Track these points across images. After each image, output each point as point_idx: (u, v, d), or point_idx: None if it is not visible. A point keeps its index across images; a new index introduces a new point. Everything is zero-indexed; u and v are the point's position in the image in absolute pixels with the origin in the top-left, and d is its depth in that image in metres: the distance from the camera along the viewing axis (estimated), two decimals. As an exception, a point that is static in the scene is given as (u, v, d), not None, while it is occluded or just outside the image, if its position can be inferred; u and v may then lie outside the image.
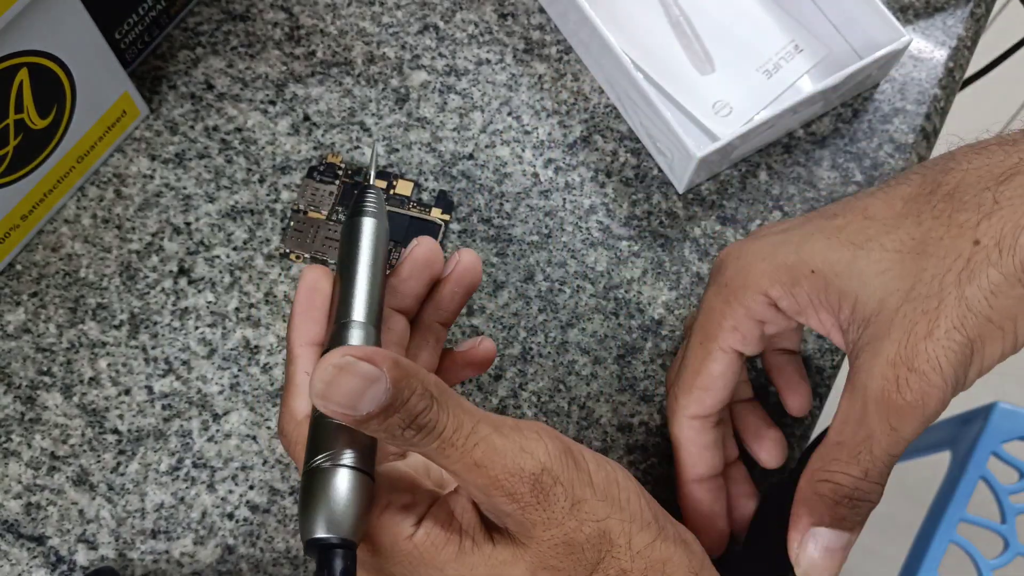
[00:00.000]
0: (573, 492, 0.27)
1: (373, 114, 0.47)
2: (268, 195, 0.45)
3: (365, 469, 0.27)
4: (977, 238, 0.27)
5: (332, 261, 0.44)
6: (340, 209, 0.44)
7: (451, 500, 0.29)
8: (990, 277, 0.27)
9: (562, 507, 0.27)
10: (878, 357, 0.28)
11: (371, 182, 0.33)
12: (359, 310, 0.29)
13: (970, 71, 0.57)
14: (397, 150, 0.47)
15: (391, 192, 0.45)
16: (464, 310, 0.44)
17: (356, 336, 0.29)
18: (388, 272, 0.31)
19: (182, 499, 0.40)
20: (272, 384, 0.42)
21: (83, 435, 0.41)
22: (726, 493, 0.38)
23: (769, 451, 0.39)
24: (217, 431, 0.41)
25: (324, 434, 0.27)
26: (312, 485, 0.26)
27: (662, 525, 0.29)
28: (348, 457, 0.26)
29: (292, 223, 0.44)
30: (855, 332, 0.30)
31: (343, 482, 0.26)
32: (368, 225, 0.31)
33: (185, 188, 0.45)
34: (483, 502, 0.28)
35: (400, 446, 0.27)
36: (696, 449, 0.36)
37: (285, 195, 0.45)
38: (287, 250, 0.44)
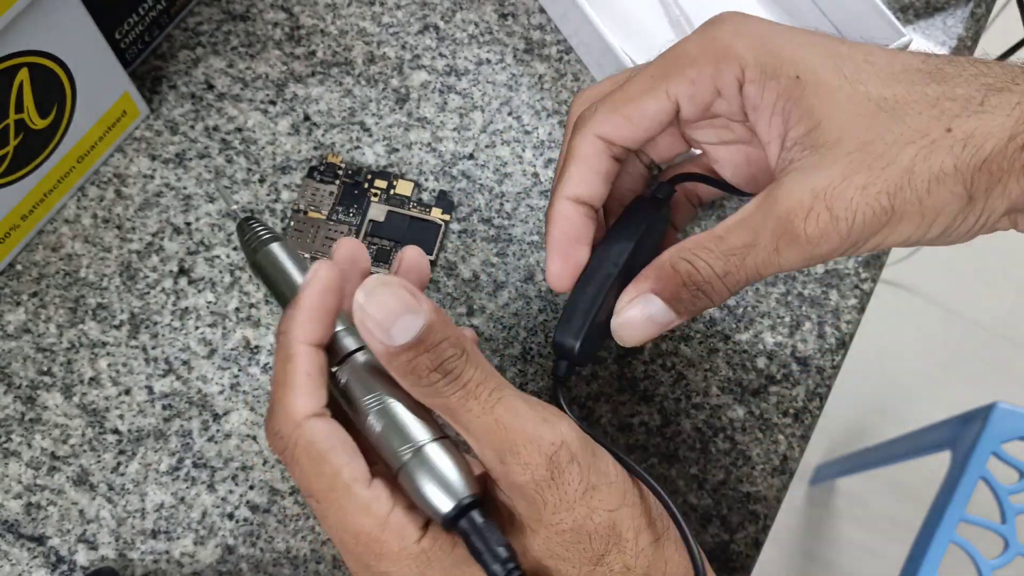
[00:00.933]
0: (588, 476, 0.27)
1: (373, 114, 0.47)
2: (268, 195, 0.45)
3: (441, 436, 0.28)
4: (951, 127, 0.27)
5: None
6: (340, 209, 0.44)
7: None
8: (943, 165, 0.27)
9: (575, 490, 0.27)
10: (805, 182, 0.28)
11: (237, 213, 0.33)
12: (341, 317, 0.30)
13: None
14: (397, 150, 0.47)
15: (391, 192, 0.45)
16: (464, 310, 0.44)
17: (352, 338, 0.30)
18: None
19: (182, 499, 0.40)
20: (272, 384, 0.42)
21: (83, 435, 0.41)
22: (597, 227, 0.35)
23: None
24: (217, 431, 0.41)
25: (396, 429, 0.28)
26: (417, 474, 0.27)
27: (666, 526, 0.29)
28: (424, 435, 0.28)
29: (292, 223, 0.44)
30: (797, 152, 0.29)
31: (439, 456, 0.27)
32: (279, 249, 0.31)
33: (185, 188, 0.45)
34: (496, 470, 0.27)
35: (425, 395, 0.27)
36: (586, 168, 0.33)
37: (285, 195, 0.45)
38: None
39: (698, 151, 0.36)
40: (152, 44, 0.47)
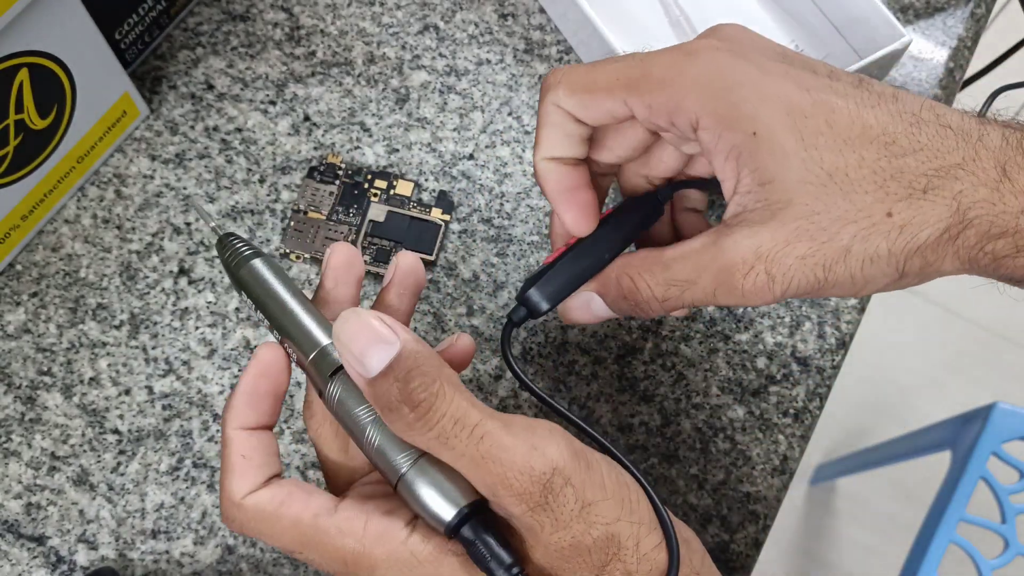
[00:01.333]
0: (584, 494, 0.27)
1: (373, 114, 0.47)
2: (268, 195, 0.45)
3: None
4: (891, 212, 0.29)
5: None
6: (340, 209, 0.44)
7: None
8: (878, 248, 0.29)
9: (571, 510, 0.27)
10: (752, 239, 0.30)
11: (216, 230, 0.33)
12: (322, 334, 0.29)
13: (970, 71, 0.57)
14: (397, 150, 0.47)
15: (391, 192, 0.45)
16: (464, 311, 0.44)
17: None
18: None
19: (182, 499, 0.40)
20: (272, 384, 0.42)
21: (83, 435, 0.41)
22: (588, 179, 0.36)
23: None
24: (217, 431, 0.41)
25: (392, 440, 0.28)
26: (416, 484, 0.27)
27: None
28: (411, 453, 0.28)
29: (292, 223, 0.44)
30: (750, 201, 0.31)
31: (437, 464, 0.27)
32: (262, 265, 0.31)
33: (185, 188, 0.45)
34: (491, 501, 0.27)
35: (402, 432, 0.26)
36: (554, 131, 0.34)
37: (285, 195, 0.45)
38: (287, 250, 0.44)
39: None
40: (152, 44, 0.47)
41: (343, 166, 0.45)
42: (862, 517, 1.32)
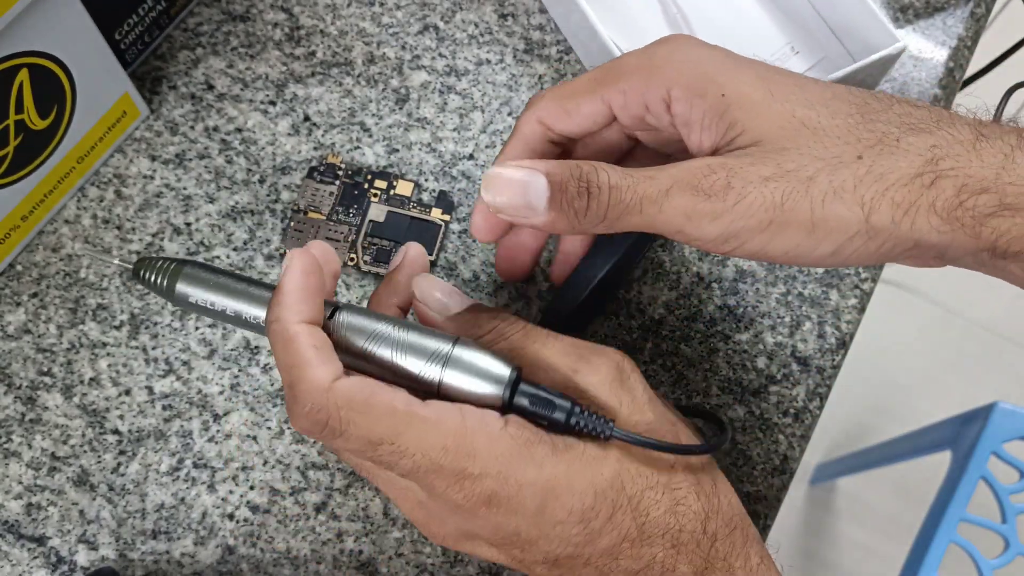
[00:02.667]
0: (648, 390, 0.31)
1: (373, 114, 0.47)
2: (268, 195, 0.45)
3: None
4: (862, 155, 0.28)
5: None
6: (340, 209, 0.44)
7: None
8: (843, 182, 0.28)
9: (642, 395, 0.30)
10: (717, 158, 0.30)
11: (125, 265, 0.33)
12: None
13: (970, 71, 0.57)
14: (397, 150, 0.47)
15: (391, 192, 0.45)
16: (464, 310, 0.44)
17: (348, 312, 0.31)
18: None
19: (182, 499, 0.40)
20: (272, 384, 0.42)
21: (83, 435, 0.41)
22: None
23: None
24: (217, 431, 0.41)
25: (421, 339, 0.30)
26: (464, 360, 0.29)
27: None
28: (447, 338, 0.30)
29: (292, 223, 0.44)
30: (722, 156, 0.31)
31: (472, 344, 0.30)
32: (198, 270, 0.31)
33: (185, 188, 0.45)
34: (570, 382, 0.30)
35: (487, 339, 0.30)
36: (523, 145, 0.35)
37: (285, 195, 0.45)
38: (287, 250, 0.44)
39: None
40: (152, 45, 0.47)
41: (343, 166, 0.45)
42: (862, 517, 1.32)
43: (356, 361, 0.30)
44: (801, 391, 0.44)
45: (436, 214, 0.45)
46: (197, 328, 0.42)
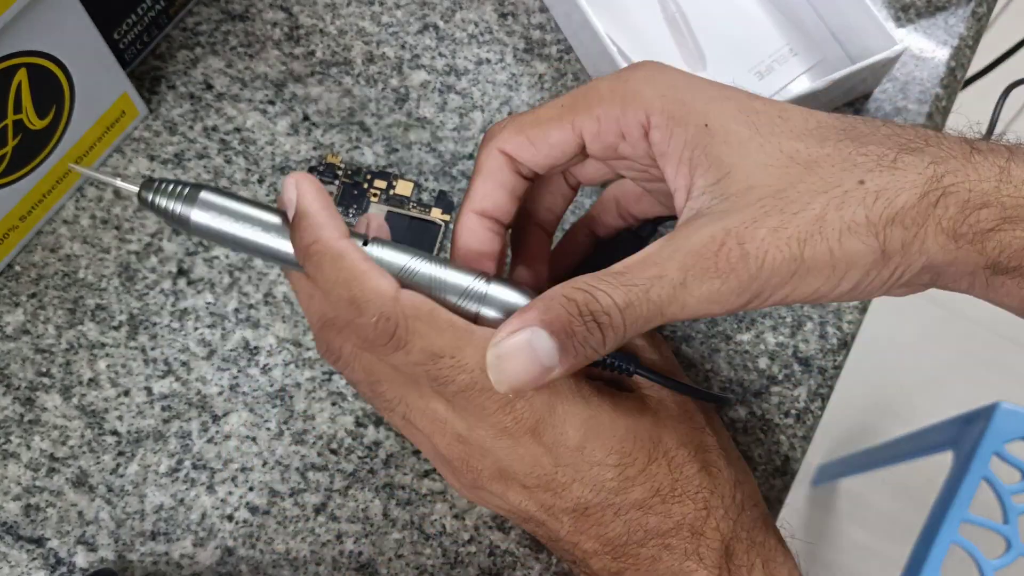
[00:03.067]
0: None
1: (373, 114, 0.47)
2: (267, 195, 0.45)
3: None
4: (863, 180, 0.27)
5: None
6: (340, 209, 0.44)
7: None
8: (855, 215, 0.26)
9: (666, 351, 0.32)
10: (717, 223, 0.27)
11: (131, 186, 0.31)
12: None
13: (972, 70, 0.57)
14: (397, 150, 0.46)
15: (391, 192, 0.45)
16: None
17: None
18: None
19: (181, 500, 0.40)
20: (271, 385, 0.42)
21: (82, 436, 0.40)
22: (502, 244, 0.34)
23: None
24: (216, 432, 0.41)
25: (459, 276, 0.30)
26: (498, 304, 0.30)
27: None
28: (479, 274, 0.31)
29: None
30: (706, 201, 0.28)
31: (502, 283, 0.31)
32: (212, 196, 0.30)
33: (184, 188, 0.45)
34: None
35: (606, 349, 0.28)
36: (491, 182, 0.33)
37: (285, 195, 0.45)
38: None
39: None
40: (151, 44, 0.47)
41: (342, 166, 0.45)
42: (864, 517, 1.32)
43: None
44: (803, 392, 0.44)
45: (436, 214, 0.45)
46: (196, 328, 0.42)
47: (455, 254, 0.33)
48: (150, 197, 0.30)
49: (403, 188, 0.45)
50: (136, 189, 0.30)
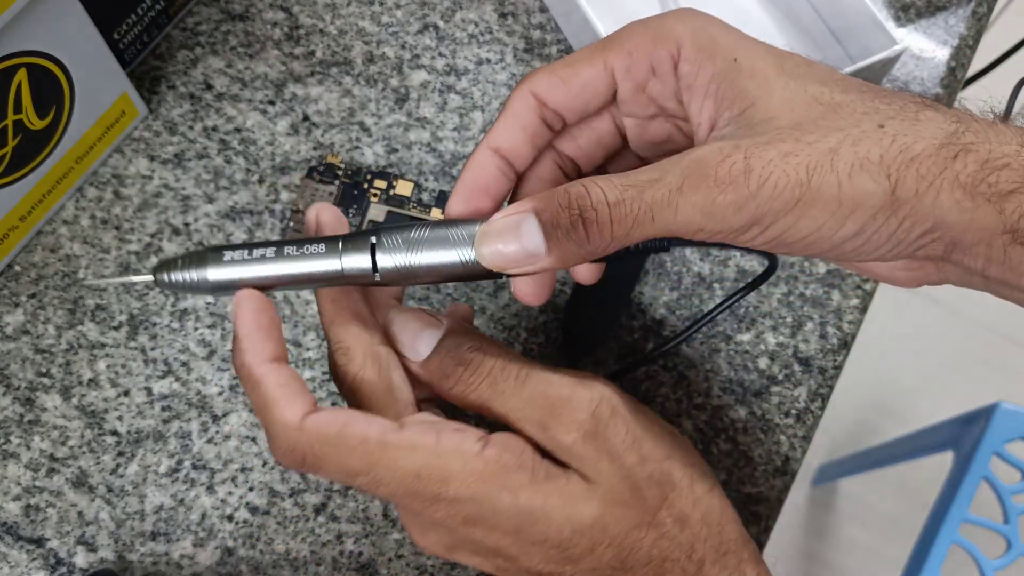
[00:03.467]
0: (633, 428, 0.29)
1: (373, 114, 0.47)
2: (267, 195, 0.45)
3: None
4: (883, 124, 0.27)
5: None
6: (339, 210, 0.44)
7: (515, 437, 0.29)
8: (869, 152, 0.26)
9: (622, 441, 0.28)
10: (728, 141, 0.27)
11: (141, 275, 0.31)
12: (324, 241, 0.30)
13: (972, 70, 0.57)
14: (397, 150, 0.46)
15: (391, 192, 0.45)
16: (464, 311, 0.44)
17: (348, 240, 0.30)
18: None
19: (181, 501, 0.40)
20: (272, 385, 0.42)
21: (82, 437, 0.40)
22: (511, 187, 0.34)
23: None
24: (216, 432, 0.41)
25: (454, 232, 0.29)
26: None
27: (715, 479, 0.30)
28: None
29: (291, 223, 0.44)
30: (728, 130, 0.28)
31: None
32: (215, 251, 0.30)
33: (184, 189, 0.45)
34: (543, 440, 0.28)
35: (458, 394, 0.29)
36: (514, 121, 0.32)
37: (284, 195, 0.45)
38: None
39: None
40: (151, 44, 0.47)
41: (342, 166, 0.45)
42: (864, 518, 1.32)
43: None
44: (803, 392, 0.44)
45: (436, 214, 0.45)
46: (196, 329, 0.42)
47: (459, 184, 0.33)
48: (165, 277, 0.30)
49: (403, 188, 0.45)
50: (150, 278, 0.30)
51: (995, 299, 0.31)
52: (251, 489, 0.40)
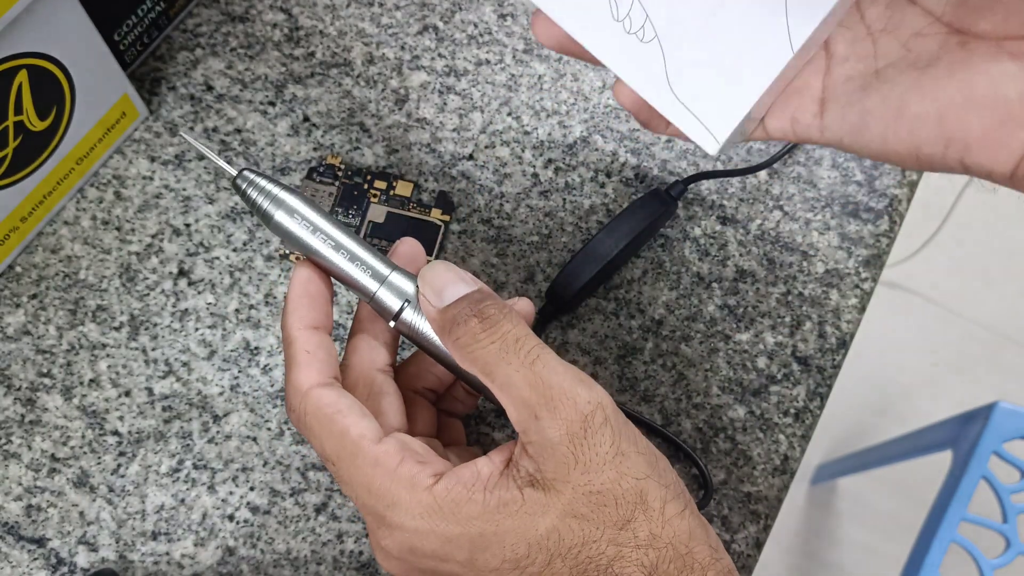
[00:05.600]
0: (619, 442, 0.28)
1: (372, 115, 0.47)
2: (268, 196, 0.45)
3: None
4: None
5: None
6: (340, 210, 0.44)
7: (477, 463, 0.29)
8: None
9: (605, 452, 0.28)
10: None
11: (231, 171, 0.33)
12: (382, 264, 0.32)
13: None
14: (396, 151, 0.47)
15: (391, 193, 0.45)
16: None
17: (400, 277, 0.32)
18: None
19: (182, 500, 0.40)
20: (272, 385, 0.42)
21: (83, 437, 0.40)
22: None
23: None
24: (217, 432, 0.41)
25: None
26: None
27: (689, 499, 0.30)
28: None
29: (292, 224, 0.44)
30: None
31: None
32: (299, 203, 0.32)
33: (185, 189, 0.45)
34: (528, 426, 0.28)
35: (465, 347, 0.29)
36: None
37: (285, 196, 0.45)
38: (287, 251, 0.44)
39: None
40: (151, 46, 0.47)
41: (342, 167, 0.45)
42: (863, 517, 1.32)
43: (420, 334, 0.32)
44: (802, 391, 0.44)
45: (436, 215, 0.45)
46: (197, 329, 0.42)
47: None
48: (243, 186, 0.32)
49: (403, 189, 0.45)
50: (234, 173, 0.32)
51: (994, 298, 0.31)
52: (252, 489, 0.40)
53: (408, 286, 0.32)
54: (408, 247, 0.34)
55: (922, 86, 0.28)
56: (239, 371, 0.42)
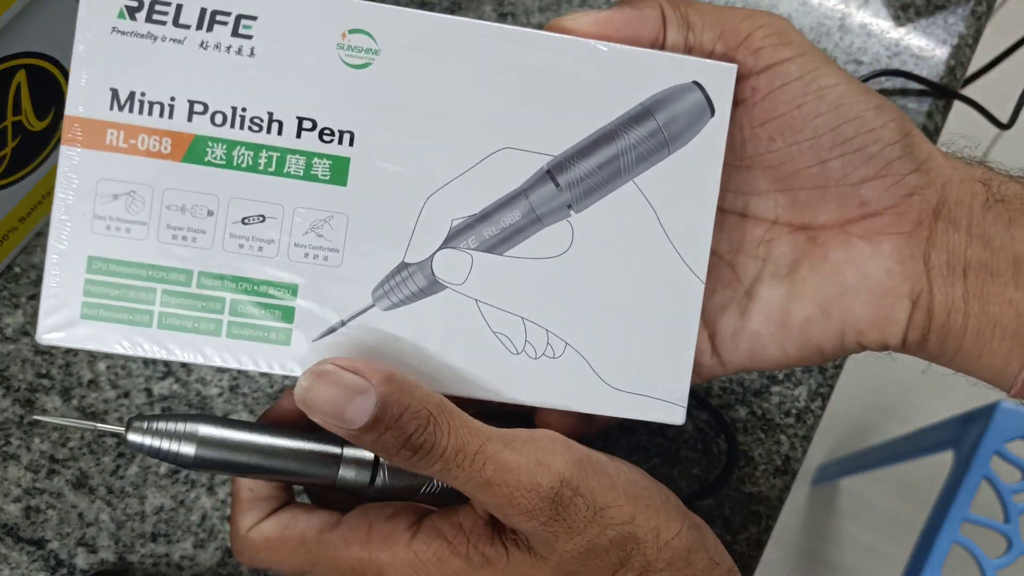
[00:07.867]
0: (594, 500, 0.27)
1: (372, 115, 0.47)
2: (267, 196, 0.45)
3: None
4: None
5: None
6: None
7: (457, 512, 0.28)
8: None
9: (584, 517, 0.27)
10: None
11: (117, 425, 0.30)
12: (331, 445, 0.29)
13: (971, 69, 0.57)
14: (396, 151, 0.46)
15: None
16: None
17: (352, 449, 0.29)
18: None
19: (182, 502, 0.40)
20: (272, 386, 0.42)
21: (82, 438, 0.40)
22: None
23: None
24: (217, 433, 0.41)
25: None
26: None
27: (684, 514, 0.30)
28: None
29: (291, 224, 0.44)
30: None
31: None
32: (211, 428, 0.28)
33: (184, 190, 0.45)
34: (504, 522, 0.28)
35: (404, 467, 0.27)
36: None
37: (284, 196, 0.45)
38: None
39: None
40: (150, 45, 0.47)
41: (342, 167, 0.45)
42: (865, 517, 1.32)
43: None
44: (803, 391, 0.44)
45: (436, 214, 0.45)
46: (196, 330, 0.42)
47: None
48: (139, 440, 0.27)
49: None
50: (122, 430, 0.27)
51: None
52: (251, 490, 0.40)
53: (366, 453, 0.29)
54: (289, 401, 0.30)
55: (797, 292, 0.30)
56: (238, 372, 0.42)
